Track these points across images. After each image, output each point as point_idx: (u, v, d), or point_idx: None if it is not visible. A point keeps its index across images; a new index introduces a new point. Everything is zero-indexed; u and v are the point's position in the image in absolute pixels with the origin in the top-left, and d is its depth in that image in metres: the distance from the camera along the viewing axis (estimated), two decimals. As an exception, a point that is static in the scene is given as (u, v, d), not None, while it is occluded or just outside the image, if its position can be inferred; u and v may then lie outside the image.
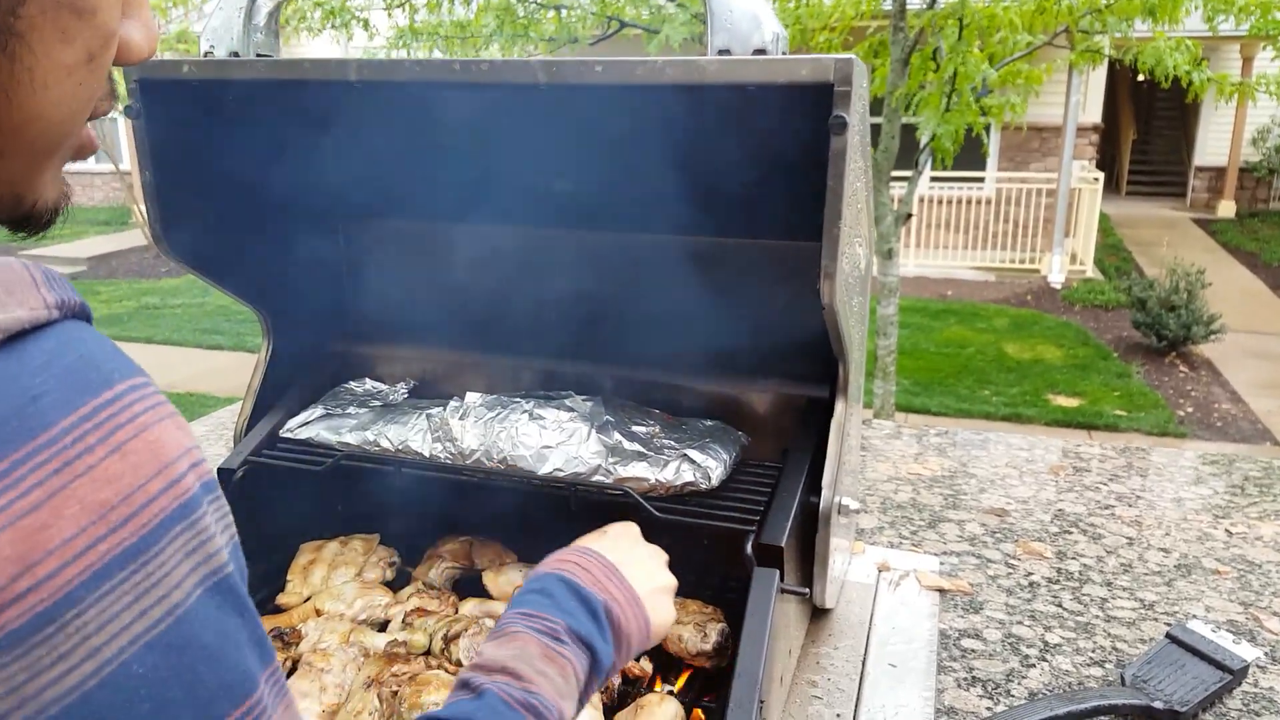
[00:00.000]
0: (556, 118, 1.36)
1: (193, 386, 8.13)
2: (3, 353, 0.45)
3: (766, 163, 1.39)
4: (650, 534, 1.46)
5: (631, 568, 0.99)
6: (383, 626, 1.44)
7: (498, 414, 1.45)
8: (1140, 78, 5.68)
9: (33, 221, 0.59)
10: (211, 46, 1.38)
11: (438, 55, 5.64)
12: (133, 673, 0.44)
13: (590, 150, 1.43)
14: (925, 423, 7.27)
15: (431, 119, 1.48)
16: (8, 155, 0.53)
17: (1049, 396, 8.09)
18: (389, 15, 5.50)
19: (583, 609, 0.90)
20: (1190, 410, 7.88)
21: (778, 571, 1.23)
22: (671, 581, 1.05)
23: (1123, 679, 1.41)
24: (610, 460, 1.37)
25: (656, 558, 1.07)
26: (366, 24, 5.29)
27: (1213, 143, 15.80)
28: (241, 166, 1.51)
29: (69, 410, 0.45)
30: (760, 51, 1.13)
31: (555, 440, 1.40)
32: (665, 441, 1.43)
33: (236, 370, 8.65)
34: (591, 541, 1.03)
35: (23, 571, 0.41)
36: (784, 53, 1.14)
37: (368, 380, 1.73)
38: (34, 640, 0.41)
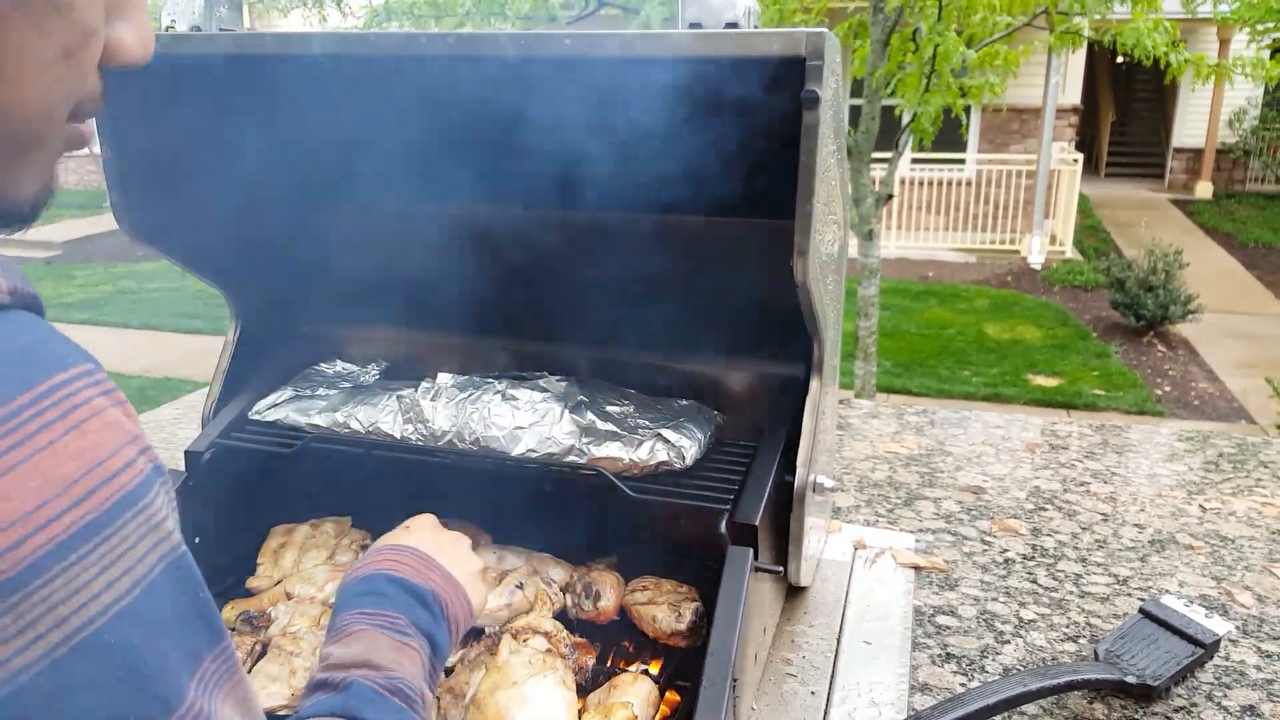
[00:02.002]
0: (528, 94, 1.34)
1: (171, 371, 8.06)
2: None
3: (741, 139, 1.37)
4: (625, 513, 1.46)
5: (443, 556, 1.03)
6: (355, 609, 1.43)
7: (470, 395, 1.44)
8: (1119, 60, 5.70)
9: (5, 216, 0.58)
10: (173, 20, 1.35)
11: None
12: (104, 642, 0.45)
13: (563, 127, 1.41)
14: (905, 403, 7.31)
15: (399, 95, 1.46)
16: None
17: (1028, 376, 8.14)
18: (362, -6, 5.44)
19: (415, 601, 0.94)
20: (1168, 389, 7.95)
21: (751, 550, 1.23)
22: (479, 564, 1.08)
23: (1096, 654, 1.42)
24: (584, 440, 1.36)
25: (461, 543, 1.09)
26: (340, 3, 5.23)
27: (1190, 124, 15.88)
28: (205, 144, 1.48)
29: (25, 388, 0.45)
30: (732, 25, 1.12)
31: (528, 421, 1.39)
32: (639, 421, 1.42)
33: (215, 354, 8.55)
34: (398, 538, 1.06)
35: None
36: (755, 26, 1.13)
37: (339, 362, 1.71)
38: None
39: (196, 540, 1.49)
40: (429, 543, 1.04)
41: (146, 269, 11.87)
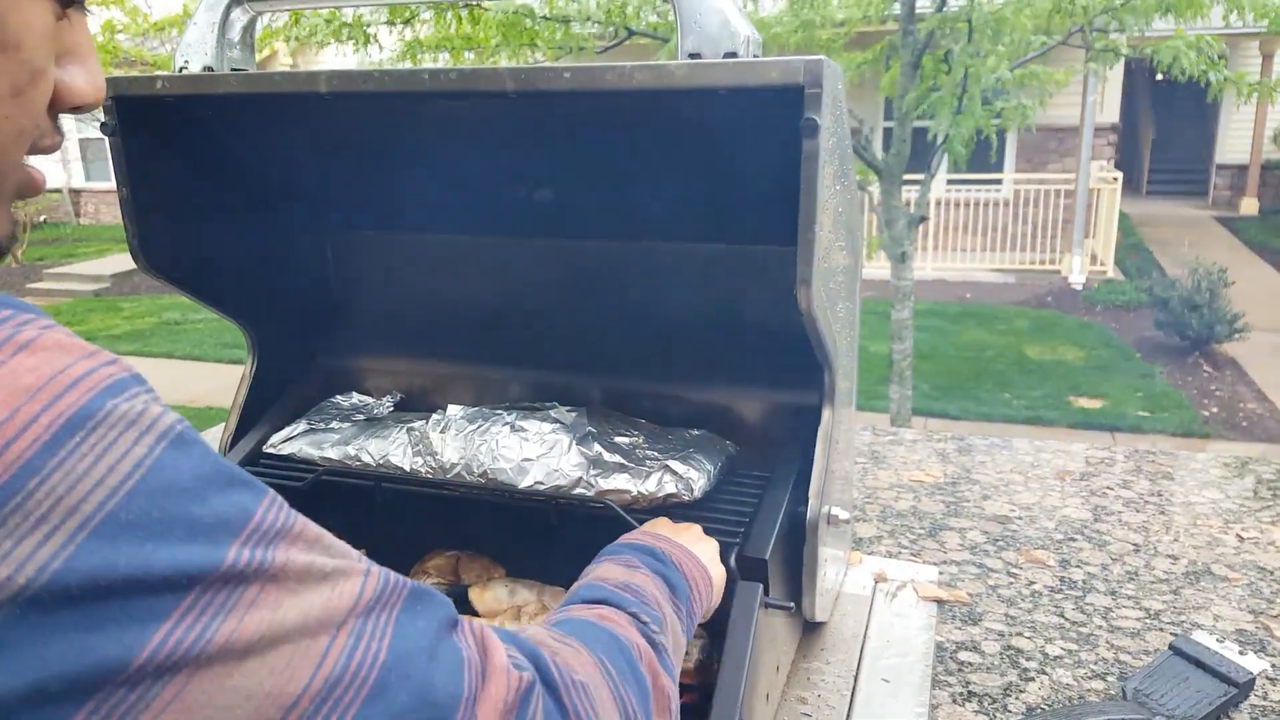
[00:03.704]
0: (538, 126, 1.35)
1: (213, 400, 8.19)
2: None
3: (747, 168, 1.37)
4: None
5: (677, 535, 1.08)
6: (366, 644, 1.42)
7: (479, 426, 1.43)
8: (1159, 76, 5.61)
9: None
10: (186, 61, 1.37)
11: (445, 61, 5.66)
12: (122, 520, 0.45)
13: (572, 159, 1.41)
14: (942, 427, 7.20)
15: (410, 129, 1.47)
16: None
17: (1071, 399, 8.00)
18: (391, 31, 5.52)
19: (643, 553, 0.98)
20: (1215, 410, 7.76)
21: (761, 585, 1.20)
22: (714, 543, 1.14)
23: (1124, 693, 1.37)
24: (592, 473, 1.35)
25: (694, 528, 1.14)
26: (368, 39, 5.31)
27: (1234, 141, 15.61)
28: (221, 181, 1.50)
29: None
30: (731, 55, 1.11)
31: (536, 453, 1.38)
32: (648, 453, 1.41)
33: (254, 384, 8.69)
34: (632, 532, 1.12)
35: None
36: (755, 55, 1.12)
37: (354, 394, 1.72)
38: (4, 511, 0.43)
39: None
40: (658, 528, 1.11)
41: (190, 301, 12.09)
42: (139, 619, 0.45)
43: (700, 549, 1.08)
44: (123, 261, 14.58)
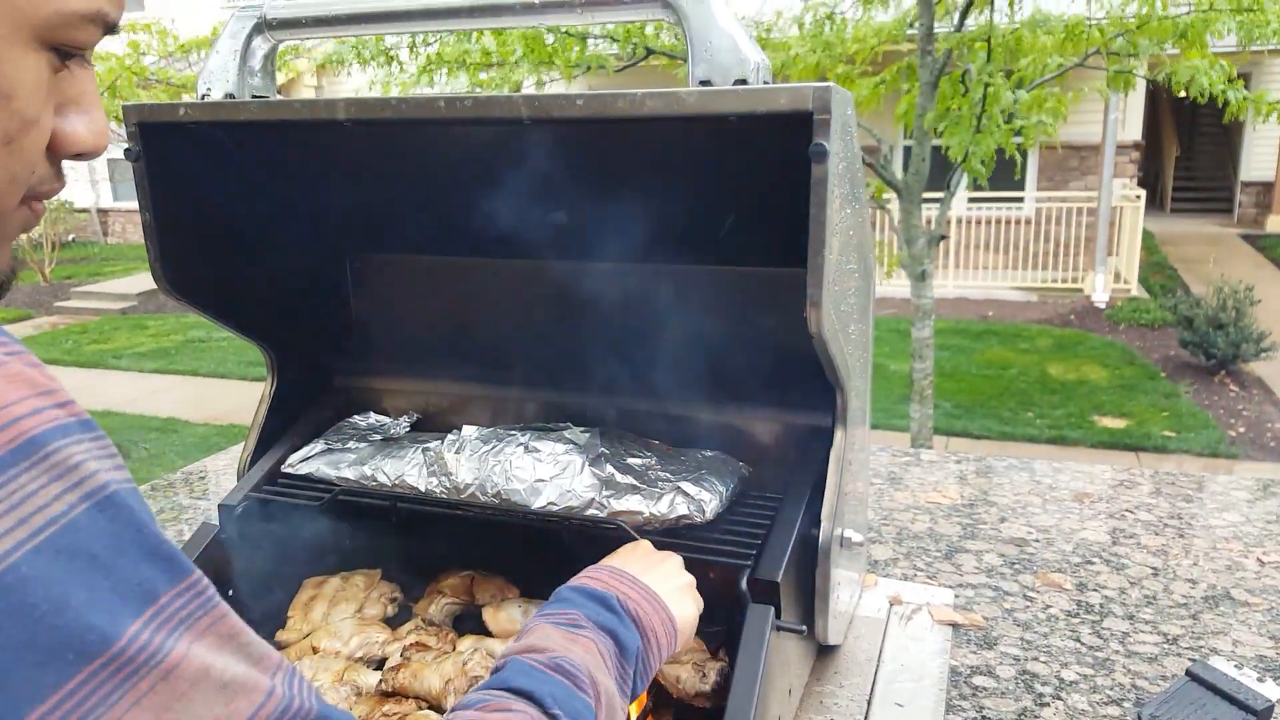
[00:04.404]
0: (552, 151, 1.37)
1: (236, 418, 8.26)
2: None
3: (759, 192, 1.38)
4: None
5: (645, 573, 1.03)
6: (380, 664, 1.43)
7: (493, 447, 1.44)
8: (1182, 94, 5.58)
9: None
10: (209, 88, 1.40)
11: (464, 81, 5.71)
12: (22, 574, 0.43)
13: (587, 182, 1.43)
14: (964, 447, 7.15)
15: (426, 154, 1.49)
16: None
17: (1095, 418, 7.92)
18: (411, 54, 5.59)
19: (596, 603, 0.93)
20: (1242, 430, 7.67)
21: (773, 608, 1.21)
22: (689, 579, 1.09)
23: (1139, 719, 1.36)
24: (604, 494, 1.36)
25: (669, 561, 1.10)
26: (391, 59, 5.38)
27: (1258, 157, 15.48)
28: (241, 206, 1.52)
29: None
30: (741, 82, 1.12)
31: (549, 473, 1.39)
32: (661, 474, 1.41)
33: (277, 401, 8.75)
34: (603, 562, 1.08)
35: None
36: (766, 82, 1.13)
37: (371, 414, 1.74)
38: None
39: (230, 593, 1.51)
40: (628, 562, 1.06)
41: (215, 318, 12.20)
42: (12, 698, 0.41)
43: (670, 587, 1.03)
44: (149, 280, 14.73)
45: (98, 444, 0.49)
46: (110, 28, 0.59)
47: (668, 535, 1.33)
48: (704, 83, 1.13)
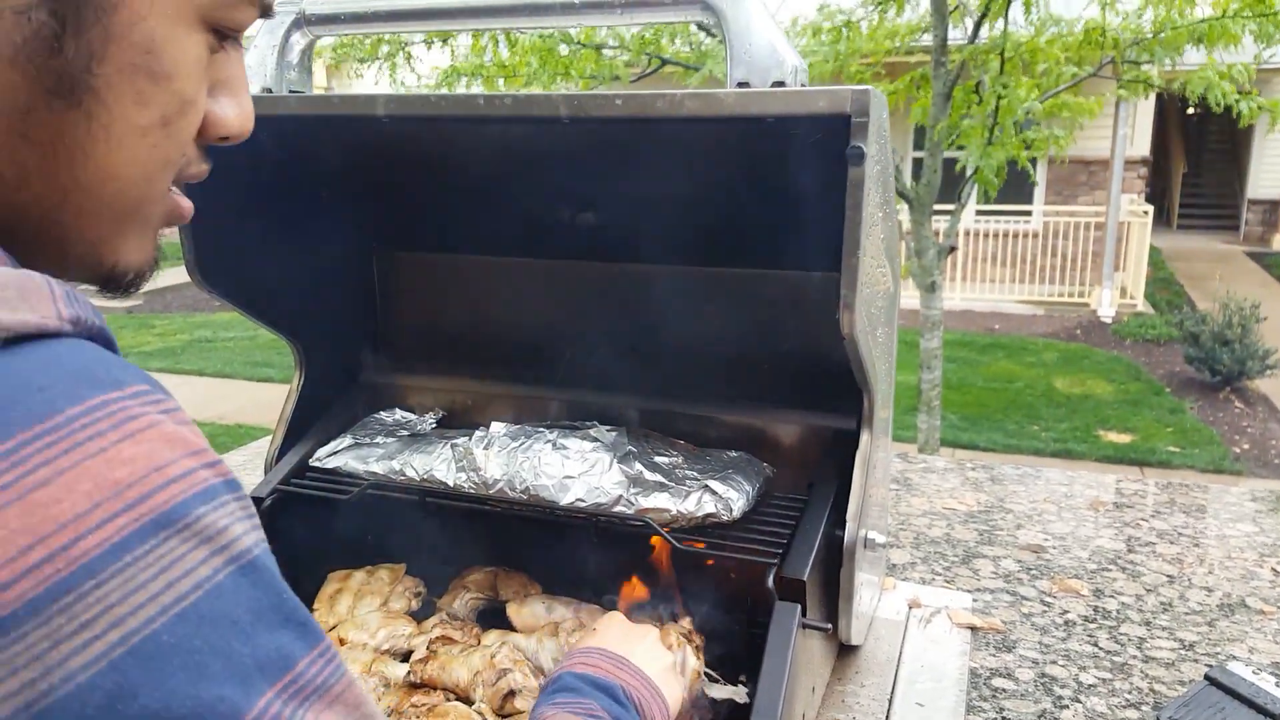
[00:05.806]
0: (584, 151, 1.38)
1: (243, 418, 8.28)
2: (6, 351, 0.45)
3: (792, 194, 1.39)
4: (673, 566, 1.46)
5: (635, 656, 1.03)
6: (405, 656, 1.45)
7: (521, 444, 1.46)
8: (1190, 110, 5.60)
9: (114, 282, 0.60)
10: (247, 84, 1.42)
11: (479, 89, 5.75)
12: (162, 642, 0.43)
13: (618, 182, 1.44)
14: (969, 458, 7.16)
15: (461, 153, 1.51)
16: (87, 214, 0.55)
17: (1100, 432, 7.92)
18: (428, 48, 5.61)
19: (606, 696, 0.94)
20: (1246, 447, 7.67)
21: (799, 606, 1.22)
22: (671, 658, 1.10)
23: (1160, 722, 1.37)
24: (632, 491, 1.37)
25: (649, 637, 1.10)
26: (408, 56, 5.40)
27: (1266, 175, 15.49)
28: (275, 200, 1.54)
29: (77, 401, 0.45)
30: (779, 84, 1.14)
31: (578, 470, 1.40)
32: (688, 472, 1.43)
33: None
34: (586, 641, 1.08)
35: (35, 543, 0.41)
36: (803, 85, 1.15)
37: (398, 410, 1.75)
38: (53, 609, 0.41)
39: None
40: (618, 642, 1.05)
41: (222, 319, 12.25)
42: None
43: (657, 669, 1.05)
44: (156, 279, 14.77)
45: (240, 505, 0.49)
46: (266, 10, 0.59)
47: (695, 533, 1.35)
48: (742, 84, 1.14)
